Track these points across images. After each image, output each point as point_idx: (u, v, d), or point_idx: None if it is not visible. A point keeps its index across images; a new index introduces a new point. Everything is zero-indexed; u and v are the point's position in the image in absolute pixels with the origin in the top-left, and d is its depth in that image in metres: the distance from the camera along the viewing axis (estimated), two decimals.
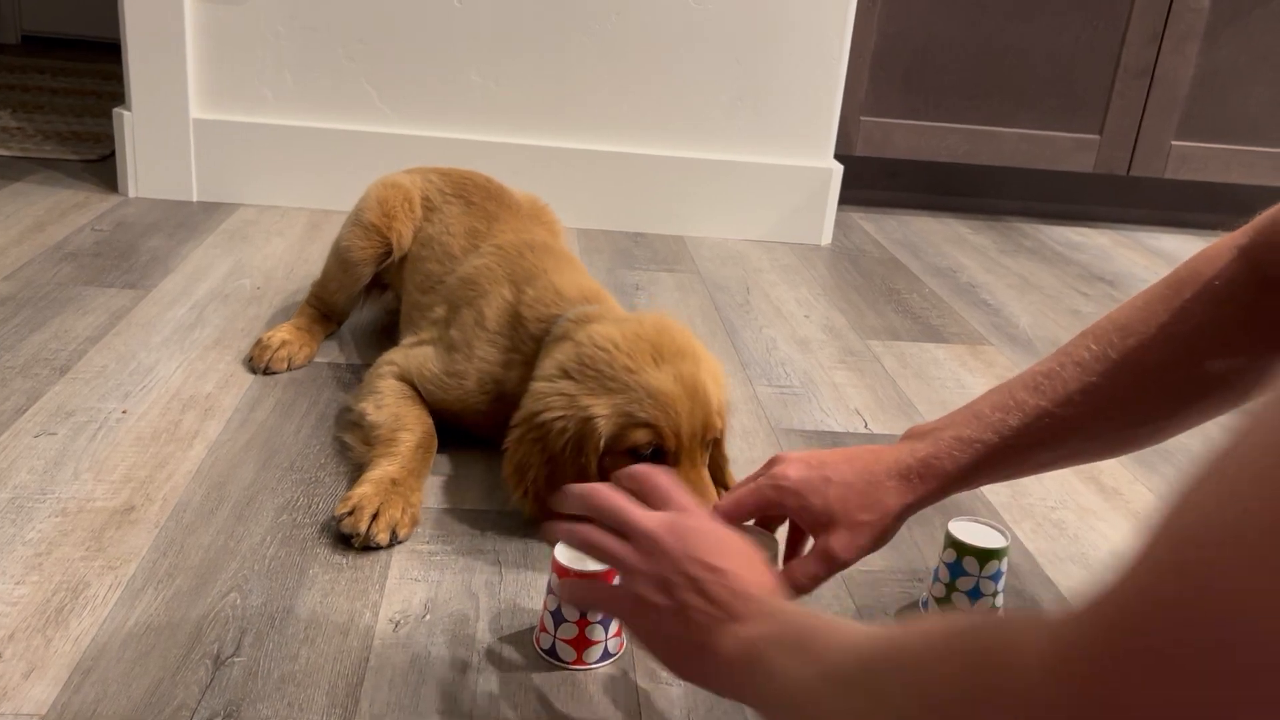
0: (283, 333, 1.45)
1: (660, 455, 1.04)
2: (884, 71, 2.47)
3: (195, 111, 2.12)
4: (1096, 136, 2.56)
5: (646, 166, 2.24)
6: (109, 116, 2.30)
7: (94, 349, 1.44)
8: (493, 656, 0.92)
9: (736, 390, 1.50)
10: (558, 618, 0.91)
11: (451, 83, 2.16)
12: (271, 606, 0.96)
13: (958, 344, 1.78)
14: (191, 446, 1.21)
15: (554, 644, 0.92)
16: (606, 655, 0.92)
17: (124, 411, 1.28)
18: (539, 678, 0.90)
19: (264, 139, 2.14)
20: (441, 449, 1.26)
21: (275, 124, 2.14)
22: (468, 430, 1.25)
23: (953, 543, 1.00)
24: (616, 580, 0.82)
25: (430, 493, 1.16)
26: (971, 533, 1.01)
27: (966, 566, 0.99)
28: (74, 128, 2.64)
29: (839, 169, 2.30)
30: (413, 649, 0.92)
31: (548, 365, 1.10)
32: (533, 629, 0.96)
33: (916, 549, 1.15)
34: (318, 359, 1.47)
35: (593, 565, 0.88)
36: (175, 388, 1.35)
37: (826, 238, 2.34)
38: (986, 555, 0.99)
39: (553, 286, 1.23)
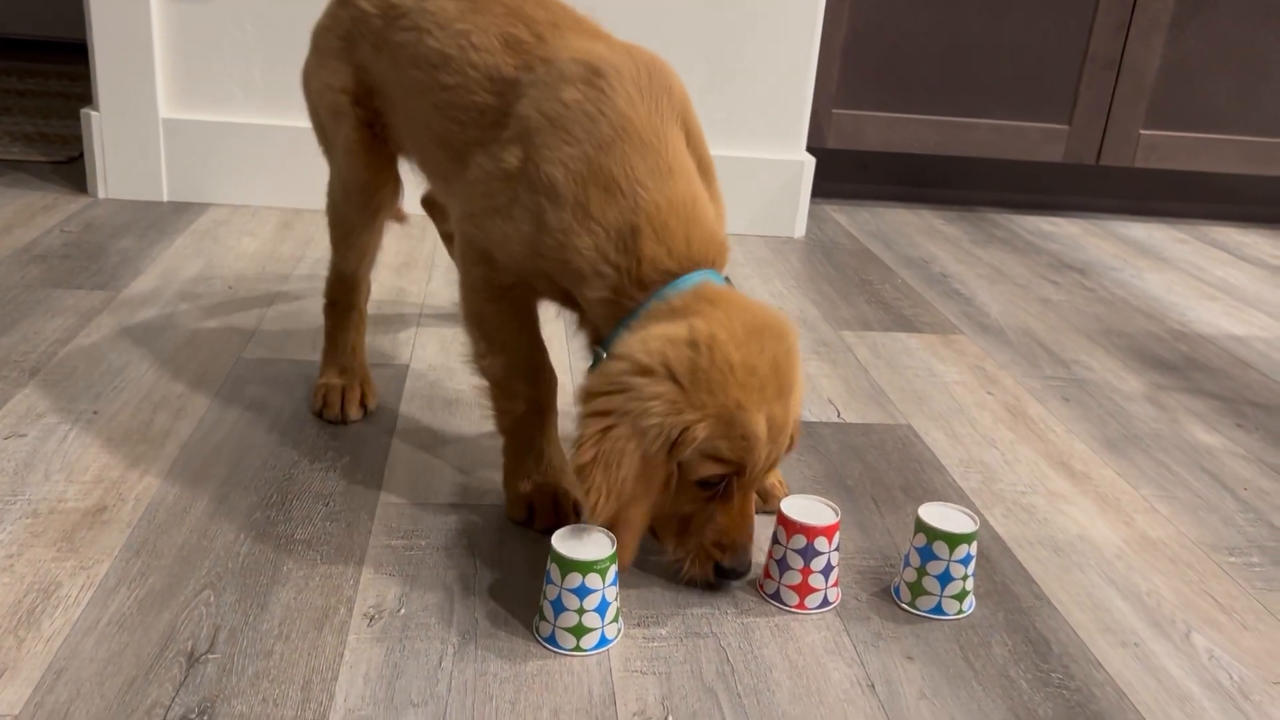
0: (326, 377, 1.33)
1: (719, 485, 0.98)
2: (855, 64, 2.48)
3: (164, 111, 2.11)
4: (1066, 127, 2.59)
5: None
6: (77, 118, 2.29)
7: (64, 350, 1.43)
8: (468, 649, 0.92)
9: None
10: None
11: None
12: (245, 603, 0.96)
13: (930, 333, 1.79)
14: (164, 446, 1.21)
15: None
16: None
17: (95, 412, 1.27)
18: (514, 669, 0.90)
19: (234, 138, 2.13)
20: (412, 442, 1.26)
21: (245, 123, 2.13)
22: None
23: (922, 528, 1.01)
24: None
25: (402, 487, 1.17)
26: (941, 517, 1.02)
27: (936, 551, 1.00)
28: (41, 129, 2.61)
29: (811, 161, 2.31)
30: (388, 643, 0.92)
31: (652, 346, 0.93)
32: (508, 621, 0.96)
33: (888, 535, 1.16)
34: (292, 356, 1.47)
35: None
36: (147, 388, 1.34)
37: (800, 230, 2.35)
38: (956, 540, 1.00)
39: (685, 218, 0.99)
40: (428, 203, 1.63)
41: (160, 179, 2.13)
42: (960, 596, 1.02)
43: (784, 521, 1.02)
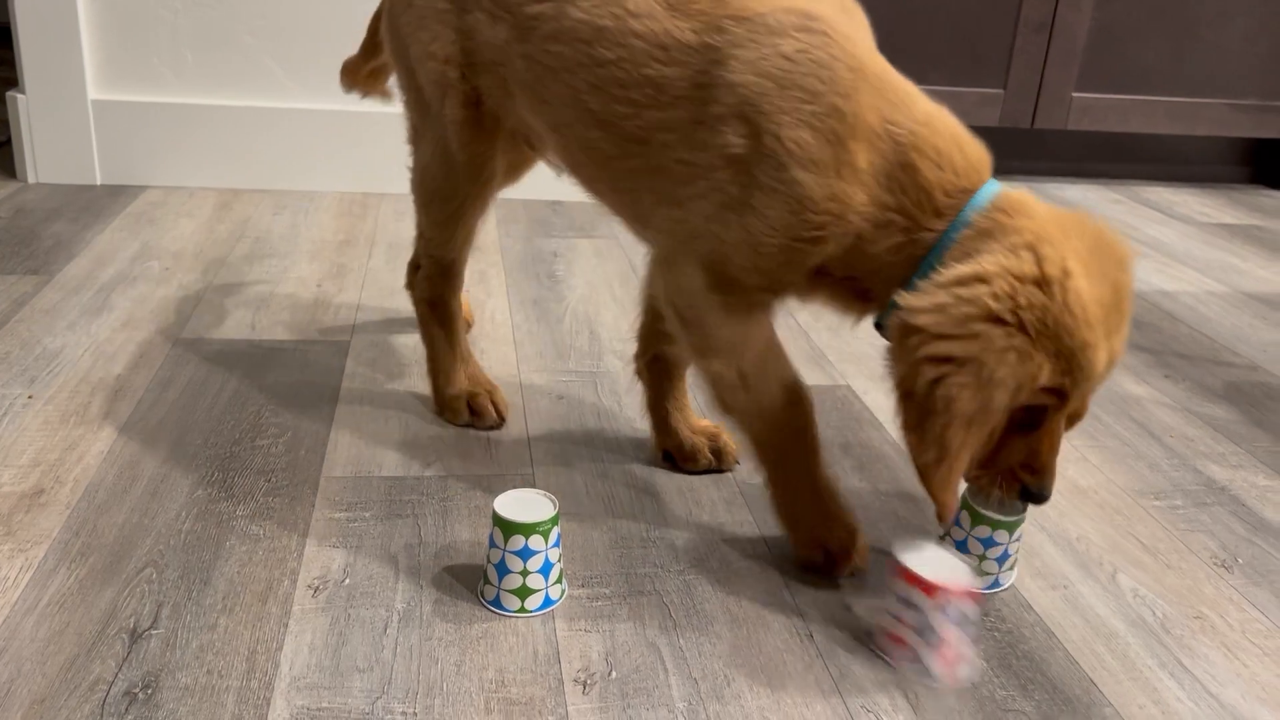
0: (457, 386, 1.26)
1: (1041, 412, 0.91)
2: None
3: (93, 93, 2.07)
4: (1000, 91, 2.63)
5: None
6: (3, 101, 2.23)
7: None
8: (413, 615, 0.93)
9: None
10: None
11: None
12: (189, 579, 0.96)
13: None
14: (102, 428, 1.20)
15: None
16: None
17: (30, 397, 1.25)
18: (459, 632, 0.91)
19: (167, 119, 2.10)
20: (355, 416, 1.27)
21: (178, 103, 2.09)
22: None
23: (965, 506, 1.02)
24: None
25: (345, 461, 1.17)
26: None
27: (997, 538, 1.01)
28: None
29: None
30: (333, 612, 0.93)
31: (1000, 289, 0.85)
32: (453, 586, 0.97)
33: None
34: (230, 335, 1.46)
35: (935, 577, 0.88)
36: (83, 371, 1.33)
37: None
38: (978, 519, 1.01)
39: (950, 135, 0.91)
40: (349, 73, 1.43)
41: (92, 162, 2.09)
42: (1009, 564, 1.03)
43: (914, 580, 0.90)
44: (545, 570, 0.94)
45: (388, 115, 2.15)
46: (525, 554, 0.93)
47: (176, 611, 0.91)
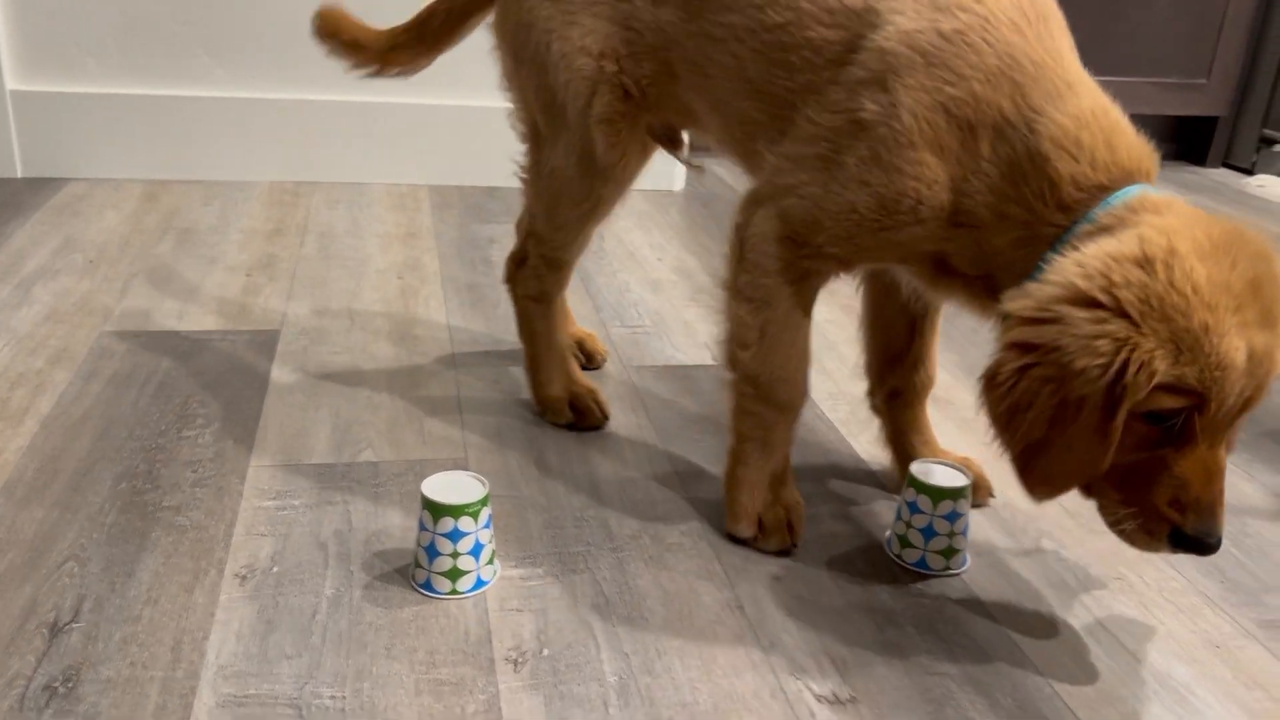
0: (556, 387, 1.25)
1: (1174, 422, 0.80)
2: None
3: (11, 83, 2.01)
4: None
5: (500, 119, 2.22)
6: None
7: None
8: (342, 600, 0.93)
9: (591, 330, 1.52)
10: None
11: (289, 43, 2.10)
12: (112, 572, 0.94)
13: None
14: (22, 423, 1.17)
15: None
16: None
17: None
18: (390, 616, 0.91)
19: (91, 109, 2.05)
20: (284, 406, 1.25)
21: (102, 93, 2.05)
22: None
23: (912, 482, 1.03)
24: None
25: (274, 450, 1.16)
26: (928, 473, 1.02)
27: (921, 505, 1.01)
28: None
29: None
30: (260, 600, 0.92)
31: (1092, 268, 0.78)
32: (384, 572, 0.97)
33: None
34: (156, 327, 1.43)
35: None
36: (2, 365, 1.30)
37: (679, 183, 2.37)
38: (940, 494, 1.01)
39: (1103, 130, 0.86)
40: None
41: (12, 154, 2.04)
42: (947, 553, 1.02)
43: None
44: (476, 552, 0.94)
45: (326, 103, 2.12)
46: (455, 536, 0.93)
47: (99, 605, 0.90)
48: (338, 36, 1.28)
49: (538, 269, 1.23)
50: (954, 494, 1.01)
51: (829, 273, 0.98)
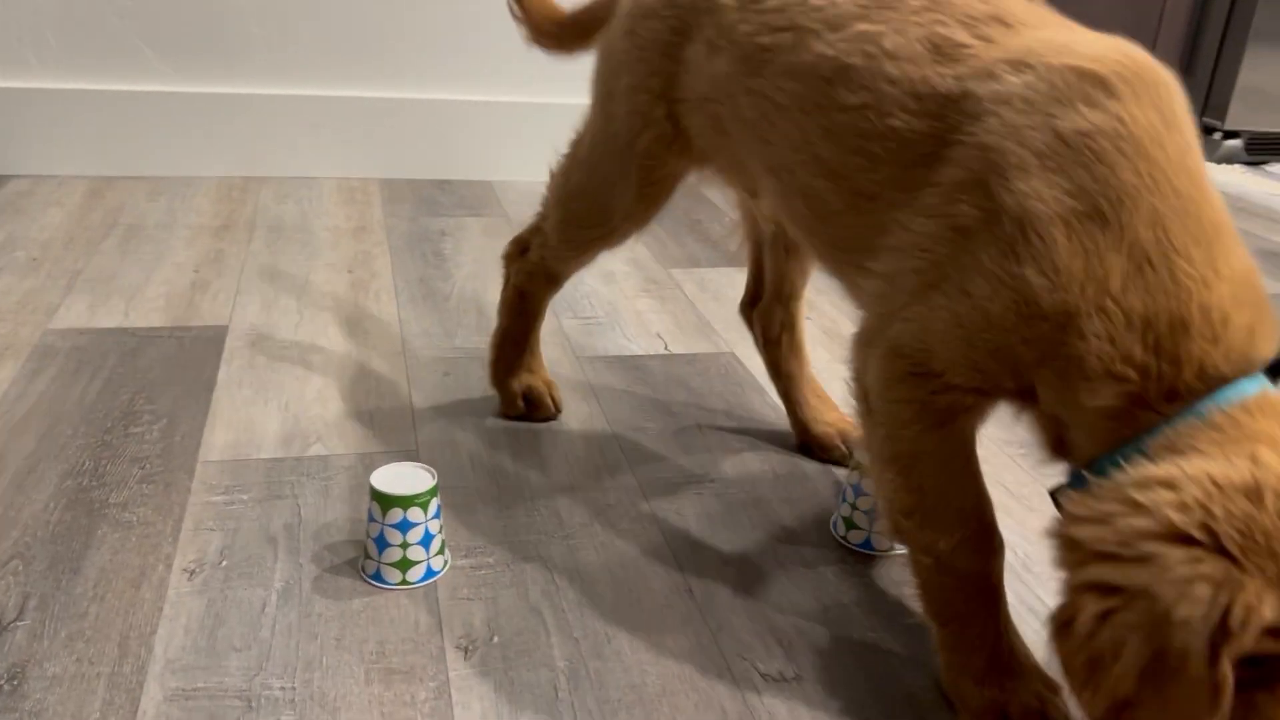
0: (519, 378, 1.26)
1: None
2: None
3: None
4: None
5: (451, 112, 2.22)
6: None
7: None
8: (292, 593, 0.93)
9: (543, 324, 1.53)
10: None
11: (231, 37, 2.08)
12: (57, 569, 0.93)
13: None
14: None
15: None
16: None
17: None
18: (339, 607, 0.91)
19: (32, 105, 2.01)
20: (232, 401, 1.25)
21: (43, 88, 2.01)
22: None
23: (857, 465, 1.04)
24: None
25: (222, 445, 1.15)
26: None
27: (866, 487, 1.03)
28: None
29: None
30: (209, 595, 0.92)
31: (1190, 497, 0.64)
32: (334, 564, 0.97)
33: (708, 452, 1.21)
34: (102, 324, 1.42)
35: None
36: None
37: None
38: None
39: (1252, 307, 0.71)
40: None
41: None
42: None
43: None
44: (426, 542, 0.95)
45: (272, 97, 2.10)
46: (404, 526, 0.93)
47: (44, 602, 0.89)
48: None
49: (534, 269, 1.22)
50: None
51: (975, 407, 0.81)
